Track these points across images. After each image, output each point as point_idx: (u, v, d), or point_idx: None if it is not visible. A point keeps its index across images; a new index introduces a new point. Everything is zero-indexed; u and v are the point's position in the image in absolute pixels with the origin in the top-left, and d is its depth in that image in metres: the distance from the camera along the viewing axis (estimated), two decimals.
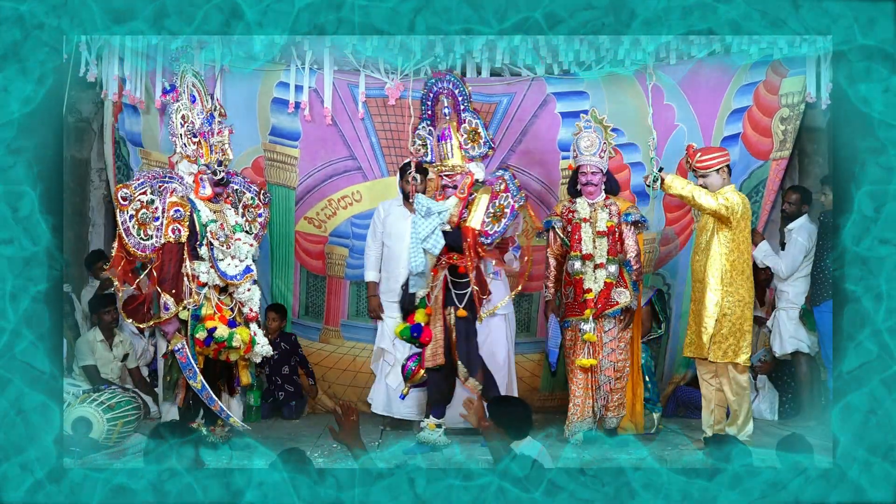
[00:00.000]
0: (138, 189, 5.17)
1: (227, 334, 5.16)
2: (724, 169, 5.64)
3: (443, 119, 5.56)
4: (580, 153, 5.81)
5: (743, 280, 5.57)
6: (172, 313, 5.16)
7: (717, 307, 5.53)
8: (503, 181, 5.56)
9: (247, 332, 5.30)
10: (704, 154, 5.66)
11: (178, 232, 5.20)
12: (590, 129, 5.80)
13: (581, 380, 5.81)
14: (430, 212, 5.48)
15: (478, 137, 5.57)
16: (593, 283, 5.76)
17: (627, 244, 5.83)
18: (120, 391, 5.99)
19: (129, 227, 5.10)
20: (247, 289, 5.37)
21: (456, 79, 5.60)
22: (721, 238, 5.56)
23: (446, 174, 5.55)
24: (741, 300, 5.57)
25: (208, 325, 5.15)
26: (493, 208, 5.50)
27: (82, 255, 7.44)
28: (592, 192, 5.84)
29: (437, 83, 5.58)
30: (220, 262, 5.27)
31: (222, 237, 5.29)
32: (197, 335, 5.13)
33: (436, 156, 5.59)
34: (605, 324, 5.79)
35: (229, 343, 5.18)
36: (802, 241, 6.58)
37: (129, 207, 5.11)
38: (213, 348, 5.19)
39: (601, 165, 5.81)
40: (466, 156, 5.55)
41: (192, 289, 5.20)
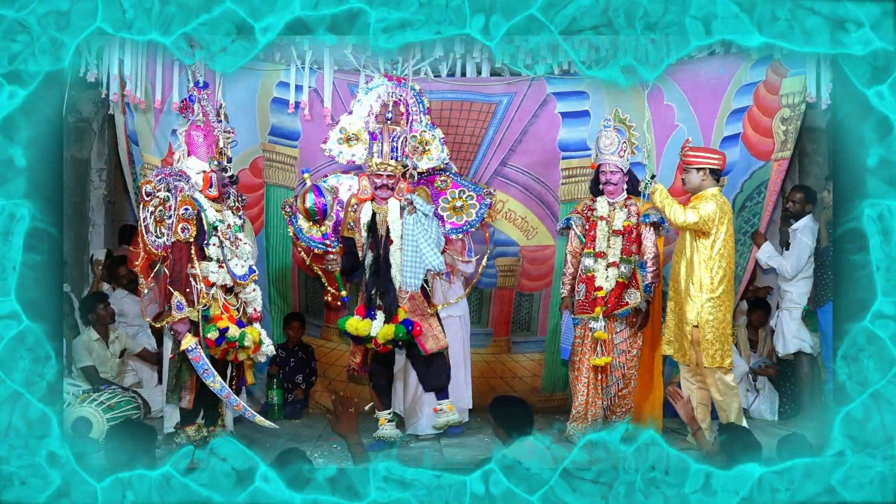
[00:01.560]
0: (159, 185, 5.17)
1: (238, 334, 5.15)
2: (707, 171, 5.60)
3: (385, 122, 5.72)
4: (600, 152, 5.83)
5: (725, 285, 5.56)
6: (185, 314, 5.12)
7: (697, 316, 5.53)
8: (447, 178, 5.85)
9: (256, 332, 5.30)
10: (693, 150, 5.67)
11: (187, 231, 5.17)
12: (610, 127, 5.81)
13: (588, 379, 5.80)
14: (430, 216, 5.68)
15: (426, 151, 5.73)
16: (605, 281, 5.75)
17: (645, 245, 5.81)
18: (120, 391, 5.99)
19: (148, 224, 5.11)
20: (252, 289, 5.40)
21: (414, 90, 5.80)
22: (699, 246, 5.55)
23: (386, 174, 5.68)
24: (722, 304, 5.55)
25: (220, 325, 5.12)
26: (444, 203, 5.80)
27: (82, 255, 7.44)
28: (613, 192, 5.85)
29: (388, 88, 5.76)
30: (229, 263, 5.27)
31: (231, 237, 5.30)
32: (208, 335, 5.09)
33: (383, 155, 5.70)
34: (616, 325, 5.79)
35: (241, 343, 5.17)
36: (807, 240, 6.58)
37: (150, 204, 5.11)
38: (223, 348, 5.16)
39: (621, 165, 5.81)
40: (400, 163, 5.71)
41: (202, 289, 5.17)
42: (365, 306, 5.69)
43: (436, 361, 5.74)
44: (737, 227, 6.72)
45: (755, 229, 6.72)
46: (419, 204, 5.67)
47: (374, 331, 5.60)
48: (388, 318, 5.62)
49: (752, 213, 6.69)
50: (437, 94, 6.31)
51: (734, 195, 6.59)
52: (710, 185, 5.62)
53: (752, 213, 6.69)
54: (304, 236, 5.87)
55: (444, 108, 6.31)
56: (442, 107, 6.28)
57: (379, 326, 5.60)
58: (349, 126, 5.75)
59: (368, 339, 5.64)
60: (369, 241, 5.75)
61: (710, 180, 5.62)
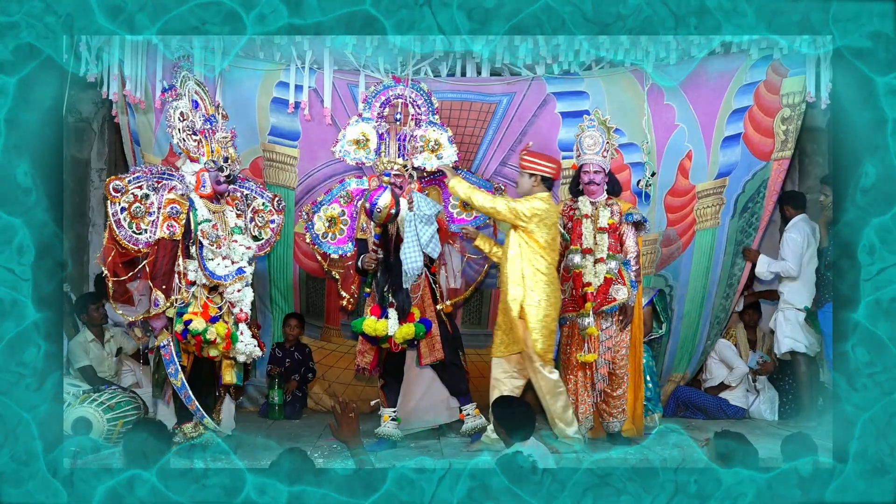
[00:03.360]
0: (132, 183, 5.24)
1: (202, 327, 5.19)
2: (538, 178, 5.62)
3: (393, 124, 5.82)
4: (583, 152, 5.85)
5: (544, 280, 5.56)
6: (161, 309, 5.21)
7: (516, 304, 5.53)
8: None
9: (224, 327, 5.29)
10: (530, 155, 5.69)
11: (173, 228, 5.24)
12: (593, 128, 5.84)
13: (578, 377, 5.80)
14: (431, 219, 5.67)
15: (438, 148, 5.83)
16: (593, 277, 5.77)
17: (628, 244, 5.85)
18: (120, 391, 5.99)
19: (119, 218, 5.17)
20: (237, 290, 5.40)
21: (421, 90, 5.90)
22: (522, 241, 5.56)
23: (394, 173, 5.76)
24: (542, 300, 5.54)
25: (185, 318, 5.19)
26: (454, 200, 5.98)
27: (82, 255, 7.44)
28: (595, 192, 5.87)
29: (396, 89, 5.87)
30: (209, 262, 5.31)
31: (213, 237, 5.32)
32: (176, 328, 5.19)
33: (390, 154, 5.80)
34: (603, 322, 5.79)
35: (204, 336, 5.19)
36: (796, 236, 6.60)
37: (120, 199, 5.17)
38: (193, 343, 5.21)
39: (604, 165, 5.85)
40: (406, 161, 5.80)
41: (182, 286, 5.25)
42: (379, 305, 5.70)
43: (448, 367, 5.80)
44: (740, 228, 6.75)
45: (746, 246, 6.73)
46: (421, 205, 5.66)
47: (391, 330, 5.61)
48: (401, 315, 5.63)
49: (752, 213, 6.70)
50: (437, 94, 6.30)
51: (736, 195, 6.60)
52: (540, 191, 5.63)
53: (753, 213, 6.70)
54: (320, 242, 6.00)
55: (444, 108, 6.30)
56: (442, 107, 6.27)
57: (395, 326, 5.61)
58: (357, 127, 5.86)
59: (385, 339, 5.64)
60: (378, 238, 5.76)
61: (540, 187, 5.64)
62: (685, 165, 6.47)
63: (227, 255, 5.37)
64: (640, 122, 6.08)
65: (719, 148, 6.45)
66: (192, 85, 5.48)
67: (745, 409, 6.90)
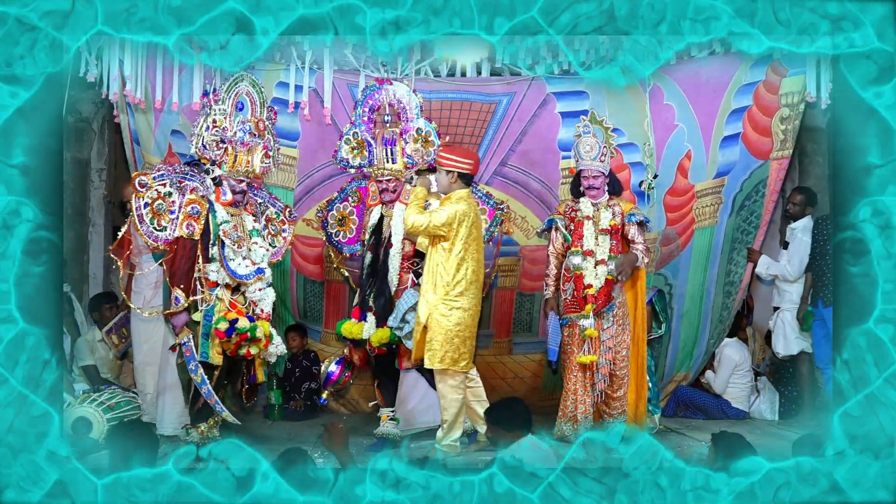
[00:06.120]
0: (157, 180, 5.30)
1: (250, 326, 5.28)
2: (454, 174, 5.41)
3: (383, 126, 5.79)
4: (581, 158, 5.84)
5: (465, 288, 5.35)
6: (182, 306, 5.25)
7: (428, 317, 5.33)
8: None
9: (267, 325, 5.42)
10: (447, 150, 5.51)
11: (193, 228, 5.31)
12: (589, 132, 5.82)
13: (578, 378, 5.80)
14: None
15: (429, 145, 5.81)
16: (594, 278, 5.77)
17: (637, 240, 5.87)
18: (120, 391, 5.99)
19: (142, 213, 5.23)
20: (258, 289, 5.46)
21: (405, 88, 5.85)
22: (438, 248, 5.37)
23: (385, 179, 5.76)
24: (460, 308, 5.35)
25: (230, 317, 5.24)
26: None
27: (82, 255, 7.43)
28: (595, 195, 5.88)
29: (381, 91, 5.83)
30: (231, 262, 5.36)
31: (234, 237, 5.38)
32: (218, 326, 5.22)
33: (377, 160, 5.79)
34: (603, 322, 5.79)
35: (252, 333, 5.28)
36: (807, 239, 6.59)
37: (145, 195, 5.24)
38: (235, 340, 5.26)
39: (602, 169, 5.83)
40: (409, 163, 5.77)
41: (205, 291, 5.30)
42: (359, 308, 5.72)
43: (383, 363, 5.83)
44: (736, 226, 6.74)
45: (749, 246, 6.73)
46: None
47: (366, 333, 5.63)
48: (378, 321, 5.64)
49: (750, 211, 6.69)
50: (437, 94, 6.32)
51: (734, 194, 6.60)
52: (459, 187, 5.46)
53: (751, 211, 6.69)
54: (334, 241, 6.09)
55: (444, 108, 6.31)
56: (442, 107, 6.28)
57: (371, 330, 5.64)
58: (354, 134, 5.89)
59: (363, 341, 5.67)
60: (370, 242, 5.79)
61: (459, 183, 5.45)
62: (684, 165, 6.47)
63: (248, 256, 5.44)
64: (641, 122, 6.06)
65: (718, 148, 6.46)
66: (244, 86, 5.46)
67: (746, 412, 6.89)
